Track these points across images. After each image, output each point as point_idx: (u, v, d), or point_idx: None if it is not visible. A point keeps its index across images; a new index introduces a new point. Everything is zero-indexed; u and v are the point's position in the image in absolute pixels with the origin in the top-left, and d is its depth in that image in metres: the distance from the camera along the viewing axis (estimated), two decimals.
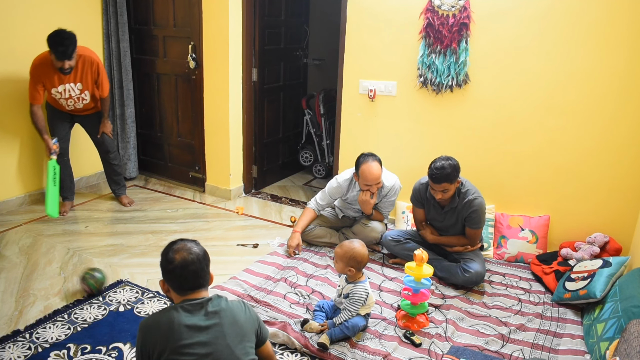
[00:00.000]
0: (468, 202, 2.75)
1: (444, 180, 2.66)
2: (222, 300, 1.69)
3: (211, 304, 1.66)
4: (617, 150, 2.94)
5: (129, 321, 2.41)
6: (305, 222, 3.22)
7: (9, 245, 3.19)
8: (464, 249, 2.88)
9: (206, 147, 4.21)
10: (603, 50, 2.85)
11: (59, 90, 3.39)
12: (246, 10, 3.88)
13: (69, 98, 3.45)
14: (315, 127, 4.90)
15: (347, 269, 2.33)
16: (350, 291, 2.33)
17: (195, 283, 1.67)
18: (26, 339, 2.25)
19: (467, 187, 2.80)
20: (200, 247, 1.72)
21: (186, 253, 1.66)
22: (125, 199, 3.99)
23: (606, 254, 2.86)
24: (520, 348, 2.29)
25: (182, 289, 1.68)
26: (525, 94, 3.10)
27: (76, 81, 3.40)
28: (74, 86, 3.40)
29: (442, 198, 2.75)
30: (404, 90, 3.44)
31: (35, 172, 3.92)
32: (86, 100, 3.53)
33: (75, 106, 3.54)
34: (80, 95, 3.47)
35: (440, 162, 2.68)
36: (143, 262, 3.04)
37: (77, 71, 3.38)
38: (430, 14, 3.19)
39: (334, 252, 2.38)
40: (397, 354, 2.22)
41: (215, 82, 3.98)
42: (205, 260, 1.70)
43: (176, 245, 1.70)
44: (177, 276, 1.66)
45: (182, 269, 1.64)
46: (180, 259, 1.65)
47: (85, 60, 3.39)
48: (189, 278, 1.66)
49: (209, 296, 1.69)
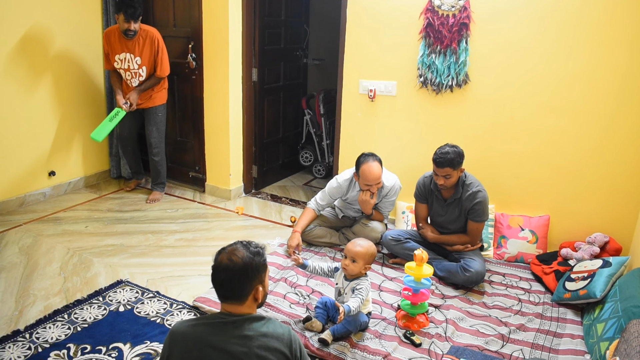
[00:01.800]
0: (472, 194, 2.77)
1: (447, 164, 2.69)
2: (263, 324, 1.51)
3: (248, 325, 1.48)
4: (617, 150, 2.94)
5: (129, 321, 2.41)
6: (305, 222, 3.22)
7: (9, 245, 3.19)
8: (465, 247, 2.89)
9: (206, 147, 4.21)
10: (603, 50, 2.85)
11: (120, 57, 3.67)
12: (246, 10, 3.88)
13: (127, 70, 3.69)
14: (315, 127, 4.90)
15: (363, 268, 2.33)
16: (357, 284, 2.33)
17: (221, 292, 1.53)
18: (26, 339, 2.25)
19: (471, 179, 2.83)
20: (247, 259, 1.52)
21: (227, 258, 1.52)
22: (152, 195, 4.08)
23: (606, 254, 2.86)
24: (520, 348, 2.29)
25: (217, 295, 1.55)
26: (526, 94, 3.10)
27: (136, 54, 3.64)
28: (133, 58, 3.65)
29: (444, 184, 2.77)
30: (404, 90, 3.44)
31: (36, 172, 3.92)
32: (142, 77, 3.73)
33: (132, 82, 3.75)
34: (138, 71, 3.70)
35: (445, 148, 2.74)
36: (143, 262, 3.05)
37: (139, 44, 3.63)
38: (430, 14, 3.19)
39: (353, 252, 2.31)
40: (397, 354, 2.22)
41: (215, 82, 3.98)
42: (244, 274, 1.51)
43: (232, 246, 1.57)
44: (212, 278, 1.54)
45: (214, 273, 1.54)
46: (218, 262, 1.54)
47: (147, 36, 3.64)
48: (216, 284, 1.54)
49: (253, 314, 1.53)
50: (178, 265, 3.03)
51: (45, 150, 3.95)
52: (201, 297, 2.58)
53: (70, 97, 4.08)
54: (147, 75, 3.76)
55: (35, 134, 3.85)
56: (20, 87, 3.67)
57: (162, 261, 3.07)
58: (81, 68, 4.13)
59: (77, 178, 4.27)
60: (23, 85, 3.69)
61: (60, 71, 3.95)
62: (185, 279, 2.87)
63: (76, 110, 4.15)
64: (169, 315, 2.47)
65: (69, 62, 4.00)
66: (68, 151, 4.15)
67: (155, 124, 3.95)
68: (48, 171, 4.00)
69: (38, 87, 3.81)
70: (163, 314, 2.48)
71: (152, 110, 3.91)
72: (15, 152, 3.74)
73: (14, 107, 3.67)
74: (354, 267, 2.32)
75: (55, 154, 4.04)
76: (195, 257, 3.15)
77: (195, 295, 2.64)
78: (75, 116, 4.15)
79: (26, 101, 3.74)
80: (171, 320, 2.43)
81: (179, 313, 2.50)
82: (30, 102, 3.77)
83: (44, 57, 3.81)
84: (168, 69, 3.81)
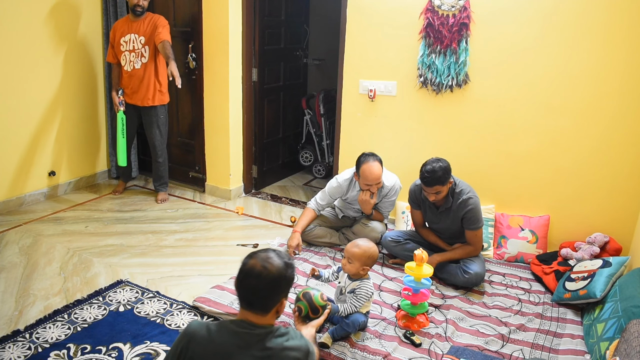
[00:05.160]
0: (462, 202, 2.75)
1: (435, 183, 2.66)
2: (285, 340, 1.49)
3: (270, 339, 1.46)
4: (617, 151, 2.94)
5: (129, 321, 2.41)
6: (305, 222, 3.22)
7: (9, 245, 3.19)
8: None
9: (206, 147, 4.21)
10: (604, 51, 2.85)
11: (125, 39, 3.76)
12: (246, 10, 3.88)
13: (132, 50, 3.76)
14: (315, 127, 4.90)
15: (361, 269, 2.32)
16: (357, 287, 2.32)
17: (249, 299, 1.49)
18: (26, 339, 2.25)
19: (461, 187, 2.80)
20: (281, 270, 1.49)
21: (260, 265, 1.48)
22: (160, 196, 4.10)
23: (606, 254, 2.86)
24: (520, 348, 2.29)
25: (240, 300, 1.51)
26: (526, 94, 3.10)
27: (140, 33, 3.75)
28: (138, 38, 3.75)
29: (435, 199, 2.76)
30: (404, 90, 3.44)
31: (36, 172, 3.92)
32: (145, 59, 3.78)
33: (135, 64, 3.78)
34: (141, 50, 3.76)
35: (430, 165, 2.66)
36: (143, 262, 3.04)
37: (143, 24, 3.75)
38: (430, 14, 3.19)
39: (350, 252, 2.31)
40: (397, 354, 2.22)
41: (215, 82, 3.98)
42: (276, 285, 1.48)
43: (265, 252, 1.53)
44: (239, 282, 1.50)
45: (243, 278, 1.50)
46: (250, 267, 1.49)
47: (152, 19, 3.77)
48: (245, 290, 1.50)
49: (275, 327, 1.50)
50: (178, 265, 3.03)
51: (45, 150, 3.95)
52: (201, 297, 2.58)
53: (71, 97, 4.08)
54: (149, 56, 3.78)
55: (35, 134, 3.85)
56: (20, 87, 3.67)
57: (162, 261, 3.07)
58: (81, 68, 4.13)
59: (77, 178, 4.27)
60: (23, 85, 3.69)
61: (60, 71, 3.96)
62: (185, 279, 2.87)
63: (76, 110, 4.15)
64: (168, 315, 2.47)
65: (69, 61, 4.00)
66: (68, 151, 4.15)
67: (158, 126, 3.94)
68: (48, 171, 4.01)
69: (38, 87, 3.81)
70: (163, 314, 2.48)
71: (153, 111, 3.89)
72: (15, 152, 3.74)
73: (14, 107, 3.67)
74: (350, 268, 2.33)
75: (55, 154, 4.04)
76: (195, 257, 3.15)
77: (195, 295, 2.64)
78: (75, 116, 4.15)
79: (26, 101, 3.74)
80: (171, 321, 2.43)
81: (179, 313, 2.50)
82: (30, 101, 3.77)
83: (44, 57, 3.81)
84: (166, 36, 3.69)
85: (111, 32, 3.85)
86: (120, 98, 3.83)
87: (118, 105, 3.82)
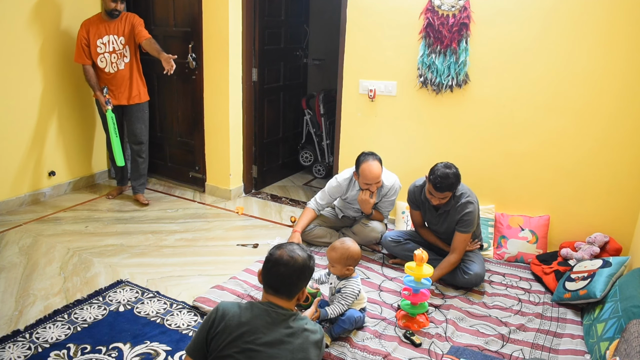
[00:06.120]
0: (462, 205, 2.74)
1: (447, 189, 2.65)
2: (303, 323, 1.69)
3: (293, 321, 1.66)
4: (617, 150, 2.94)
5: (129, 321, 2.41)
6: (305, 222, 3.22)
7: (9, 245, 3.19)
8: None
9: (206, 147, 4.21)
10: (604, 51, 2.85)
11: (103, 41, 3.66)
12: (246, 10, 3.88)
13: (112, 52, 3.68)
14: (315, 127, 4.90)
15: (345, 269, 2.33)
16: (343, 286, 2.33)
17: (277, 285, 1.68)
18: (26, 339, 2.25)
19: (462, 190, 2.78)
20: (306, 260, 1.71)
21: (287, 254, 1.70)
22: (141, 198, 4.02)
23: (606, 254, 2.86)
24: (520, 348, 2.29)
25: (267, 286, 1.71)
26: (526, 94, 3.10)
27: (119, 34, 3.69)
28: (117, 39, 3.68)
29: (439, 204, 2.76)
30: (404, 90, 3.44)
31: (36, 172, 3.92)
32: (127, 59, 3.73)
33: (118, 65, 3.72)
34: (122, 50, 3.71)
35: (443, 171, 2.64)
36: (143, 262, 3.04)
37: (120, 24, 3.69)
38: (430, 14, 3.19)
39: (329, 257, 2.35)
40: (397, 354, 2.22)
41: (215, 82, 3.98)
42: (302, 273, 1.70)
43: (288, 245, 1.74)
44: (267, 270, 1.70)
45: (274, 265, 1.69)
46: (278, 256, 1.69)
47: (127, 17, 3.72)
48: (274, 277, 1.69)
49: (293, 311, 1.70)
50: (178, 265, 3.03)
51: (45, 150, 3.95)
52: (201, 297, 2.58)
53: (70, 97, 4.08)
54: (131, 55, 3.74)
55: (35, 134, 3.85)
56: (20, 87, 3.67)
57: (162, 261, 3.07)
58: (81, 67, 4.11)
59: (77, 178, 4.27)
60: (23, 85, 3.69)
61: (60, 71, 3.95)
62: (185, 279, 2.87)
63: (76, 110, 4.15)
64: (168, 315, 2.47)
65: (68, 61, 3.99)
66: (68, 151, 4.15)
67: (143, 121, 3.94)
68: (48, 171, 4.01)
69: (38, 86, 3.81)
70: (163, 314, 2.48)
71: (138, 107, 3.87)
72: (15, 152, 3.74)
73: (14, 107, 3.67)
74: (334, 270, 2.36)
75: (55, 154, 4.04)
76: (195, 257, 3.15)
77: (195, 295, 2.64)
78: (75, 116, 4.15)
79: (26, 101, 3.74)
80: (171, 321, 2.43)
81: (179, 313, 2.50)
82: (30, 102, 3.77)
83: (44, 57, 3.81)
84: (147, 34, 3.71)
85: (82, 32, 3.66)
86: (106, 97, 3.74)
87: (105, 105, 3.73)
